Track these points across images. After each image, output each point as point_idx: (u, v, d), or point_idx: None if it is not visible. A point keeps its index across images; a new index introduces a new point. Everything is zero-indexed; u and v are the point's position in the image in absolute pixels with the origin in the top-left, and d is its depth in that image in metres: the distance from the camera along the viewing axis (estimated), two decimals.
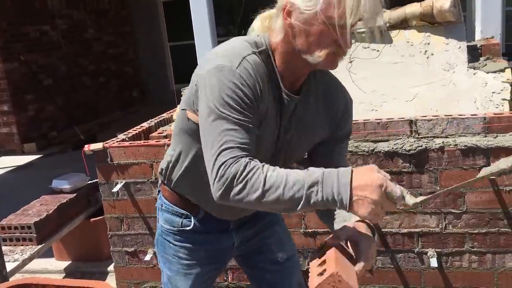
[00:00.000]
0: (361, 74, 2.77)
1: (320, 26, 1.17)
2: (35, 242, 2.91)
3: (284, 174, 1.14)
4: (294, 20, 1.20)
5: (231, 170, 1.15)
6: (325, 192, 1.11)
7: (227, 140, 1.18)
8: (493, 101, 2.50)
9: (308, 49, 1.22)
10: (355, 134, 2.38)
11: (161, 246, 1.63)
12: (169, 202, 1.56)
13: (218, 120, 1.19)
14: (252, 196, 1.14)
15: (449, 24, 2.73)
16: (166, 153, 1.57)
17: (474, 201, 2.30)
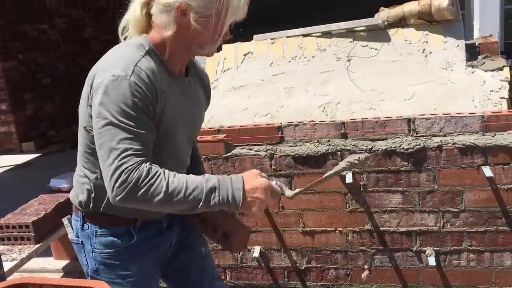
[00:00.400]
0: (359, 72, 2.77)
1: (212, 25, 1.37)
2: (33, 241, 2.90)
3: (184, 180, 1.31)
4: (189, 19, 1.36)
5: (133, 176, 1.26)
6: (222, 196, 1.32)
7: (127, 148, 1.28)
8: (491, 99, 2.49)
9: (199, 43, 1.41)
10: (353, 132, 2.38)
11: (106, 274, 1.58)
12: (105, 226, 1.53)
13: (116, 129, 1.29)
14: (155, 199, 1.28)
15: (447, 23, 2.73)
16: (77, 181, 1.55)
17: (472, 200, 2.30)
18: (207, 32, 1.39)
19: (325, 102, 2.71)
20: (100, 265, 1.57)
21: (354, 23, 2.86)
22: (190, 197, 1.29)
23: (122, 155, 1.28)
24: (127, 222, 1.53)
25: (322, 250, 2.53)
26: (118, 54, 1.40)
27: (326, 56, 2.89)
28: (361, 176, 2.39)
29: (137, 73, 1.33)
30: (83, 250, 1.60)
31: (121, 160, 1.27)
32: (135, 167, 1.27)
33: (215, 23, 1.38)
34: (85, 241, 1.58)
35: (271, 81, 2.91)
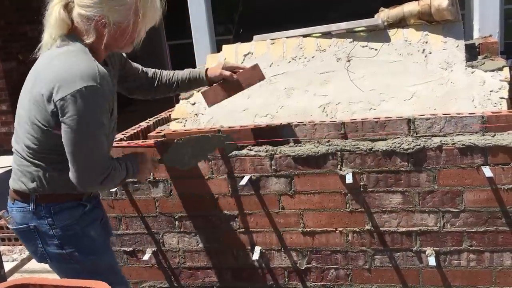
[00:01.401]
0: (359, 73, 2.77)
1: (128, 32, 1.67)
2: None
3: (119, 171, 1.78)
4: (108, 27, 1.63)
5: (108, 173, 1.70)
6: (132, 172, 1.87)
7: (100, 150, 1.66)
8: (491, 99, 2.50)
9: (118, 45, 1.72)
10: (353, 133, 2.39)
11: (68, 244, 1.79)
12: (61, 202, 1.79)
13: (95, 129, 1.61)
14: (110, 186, 1.82)
15: (447, 23, 2.73)
16: (25, 171, 1.78)
17: (472, 200, 2.30)
18: (124, 37, 1.68)
19: (325, 103, 2.72)
20: (62, 239, 1.77)
21: (354, 24, 2.86)
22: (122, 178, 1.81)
23: (96, 158, 1.65)
24: (77, 196, 1.81)
25: (322, 250, 2.54)
26: (75, 63, 1.60)
27: (326, 57, 2.89)
28: (361, 176, 2.39)
29: (103, 78, 1.59)
30: (36, 235, 1.78)
31: (99, 161, 1.67)
32: (108, 166, 1.70)
33: (131, 31, 1.67)
34: (39, 224, 1.77)
35: (271, 81, 2.91)
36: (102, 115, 1.62)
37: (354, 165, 2.38)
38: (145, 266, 2.79)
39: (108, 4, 1.60)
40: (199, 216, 2.64)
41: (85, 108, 1.54)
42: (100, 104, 1.59)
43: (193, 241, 2.69)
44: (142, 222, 2.72)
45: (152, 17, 1.71)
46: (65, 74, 1.57)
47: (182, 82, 2.27)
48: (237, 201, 2.56)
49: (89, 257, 1.81)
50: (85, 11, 1.61)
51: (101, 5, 1.60)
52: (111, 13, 1.60)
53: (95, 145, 1.62)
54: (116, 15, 1.62)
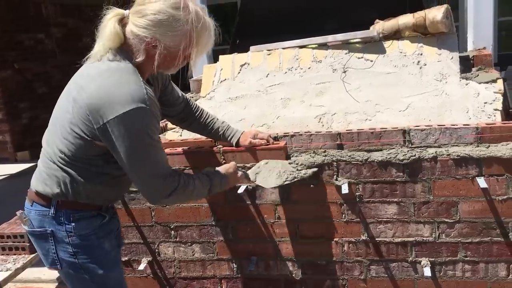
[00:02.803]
0: (355, 84, 2.79)
1: (179, 57, 1.67)
2: (28, 251, 2.90)
3: (200, 183, 1.84)
4: (159, 50, 1.63)
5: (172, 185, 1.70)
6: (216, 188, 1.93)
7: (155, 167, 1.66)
8: (485, 111, 2.52)
9: (165, 68, 1.74)
10: (349, 143, 2.40)
11: (82, 254, 1.77)
12: (81, 210, 1.78)
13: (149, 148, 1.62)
14: (183, 198, 1.86)
15: (442, 35, 2.76)
16: (52, 176, 1.76)
17: (467, 211, 2.32)
18: (174, 61, 1.69)
19: (321, 113, 2.73)
20: (77, 248, 1.76)
21: (350, 35, 2.89)
22: (201, 195, 1.88)
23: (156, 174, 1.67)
24: (97, 207, 1.81)
25: (318, 260, 2.54)
26: (124, 84, 1.59)
27: (322, 68, 2.91)
28: (357, 186, 2.40)
29: (151, 99, 1.60)
30: (51, 240, 1.76)
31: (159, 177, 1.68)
32: (172, 180, 1.71)
33: (181, 56, 1.66)
34: (56, 229, 1.75)
35: (268, 92, 2.93)
36: (154, 134, 1.62)
37: (350, 176, 2.40)
38: (141, 276, 2.78)
39: (162, 28, 1.60)
40: (195, 225, 2.64)
41: (134, 129, 1.56)
42: (150, 123, 1.60)
43: (188, 251, 2.68)
44: (137, 232, 2.71)
45: (205, 46, 1.70)
46: (115, 94, 1.57)
47: (215, 133, 2.31)
48: (233, 210, 2.56)
49: (99, 270, 1.80)
50: (137, 30, 1.61)
51: (155, 28, 1.59)
52: (163, 37, 1.60)
53: (148, 163, 1.63)
54: (168, 40, 1.61)
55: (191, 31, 1.62)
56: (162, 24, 1.58)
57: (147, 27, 1.59)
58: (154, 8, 1.58)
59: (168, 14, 1.59)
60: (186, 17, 1.60)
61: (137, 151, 1.60)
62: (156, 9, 1.58)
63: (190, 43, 1.64)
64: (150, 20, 1.58)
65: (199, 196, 1.88)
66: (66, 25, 8.73)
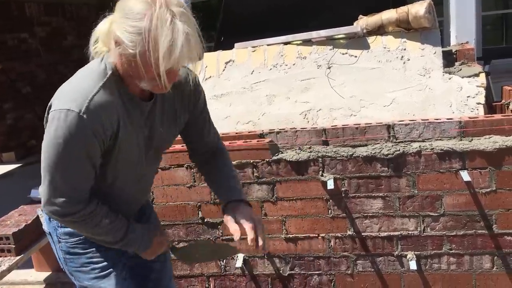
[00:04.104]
0: (340, 79, 2.80)
1: (140, 64, 1.29)
2: (14, 253, 2.86)
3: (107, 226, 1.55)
4: (119, 51, 1.33)
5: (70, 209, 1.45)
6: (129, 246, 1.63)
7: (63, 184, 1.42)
8: (468, 105, 2.55)
9: (136, 76, 1.36)
10: (334, 139, 2.41)
11: (70, 262, 1.69)
12: None
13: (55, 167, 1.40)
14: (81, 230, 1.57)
15: (425, 30, 2.78)
16: None
17: (451, 204, 2.34)
18: (138, 70, 1.32)
19: (306, 109, 2.74)
20: (66, 255, 1.69)
21: (334, 31, 2.90)
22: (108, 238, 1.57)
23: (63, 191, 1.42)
24: None
25: (305, 256, 2.55)
26: (77, 82, 1.41)
27: (306, 64, 2.92)
28: (342, 182, 2.42)
29: (91, 109, 1.34)
30: (52, 240, 1.72)
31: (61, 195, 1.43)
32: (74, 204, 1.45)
33: (143, 63, 1.29)
34: (52, 232, 1.70)
35: (253, 89, 2.93)
36: (76, 148, 1.38)
37: (335, 171, 2.41)
38: None
39: (123, 24, 1.30)
40: (182, 224, 2.63)
41: (57, 131, 1.37)
42: (75, 134, 1.35)
43: None
44: None
45: (167, 56, 1.26)
46: (64, 90, 1.42)
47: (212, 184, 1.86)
48: (220, 208, 2.55)
49: (85, 281, 1.72)
50: (112, 26, 1.36)
51: (119, 23, 1.31)
52: (123, 34, 1.30)
53: (60, 176, 1.42)
54: (126, 37, 1.29)
55: (148, 31, 1.25)
56: (126, 17, 1.30)
57: (116, 21, 1.34)
58: (129, 0, 1.32)
59: (134, 8, 1.29)
60: (144, 11, 1.26)
61: (49, 155, 1.41)
62: (130, 2, 1.31)
63: (148, 48, 1.26)
64: (120, 12, 1.33)
65: (103, 237, 1.58)
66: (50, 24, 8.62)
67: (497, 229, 2.33)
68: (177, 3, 1.29)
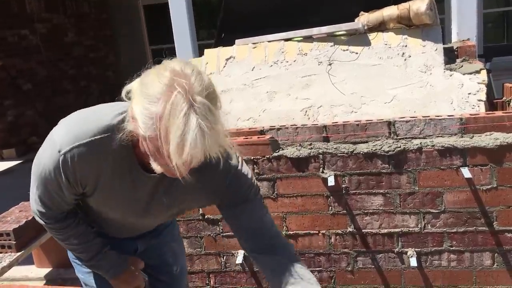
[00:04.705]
0: (340, 76, 2.80)
1: (151, 148, 1.15)
2: (15, 249, 2.87)
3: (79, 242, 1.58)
4: (133, 125, 1.18)
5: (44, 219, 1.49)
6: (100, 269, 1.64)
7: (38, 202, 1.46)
8: (469, 102, 2.54)
9: (149, 156, 1.19)
10: (334, 136, 2.40)
11: (77, 266, 1.74)
12: None
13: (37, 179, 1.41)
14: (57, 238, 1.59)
15: (426, 27, 2.77)
16: None
17: (452, 201, 2.34)
18: (146, 147, 1.17)
19: (307, 106, 2.73)
20: (72, 257, 1.72)
21: (335, 28, 2.89)
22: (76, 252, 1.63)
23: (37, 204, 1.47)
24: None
25: (306, 253, 2.55)
26: (82, 121, 1.36)
27: (307, 60, 2.91)
28: (343, 178, 2.41)
29: (74, 157, 1.30)
30: None
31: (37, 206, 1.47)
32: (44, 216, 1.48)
33: (154, 149, 1.15)
34: None
35: (253, 85, 2.92)
36: (48, 175, 1.35)
37: (336, 168, 2.40)
38: None
39: (139, 98, 1.16)
40: (182, 220, 2.63)
41: (43, 152, 1.38)
42: (49, 165, 1.33)
43: None
44: None
45: (179, 150, 1.09)
46: (73, 116, 1.41)
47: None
48: None
49: (80, 274, 1.76)
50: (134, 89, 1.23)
51: (138, 96, 1.17)
52: (138, 111, 1.15)
53: (35, 187, 1.44)
54: (139, 117, 1.14)
55: (159, 119, 1.10)
56: (144, 93, 1.15)
57: (135, 90, 1.21)
58: (152, 72, 1.20)
59: (153, 85, 1.14)
60: (160, 95, 1.10)
61: (33, 169, 1.43)
62: (152, 73, 1.19)
63: (159, 136, 1.11)
64: (141, 84, 1.19)
65: (69, 249, 1.65)
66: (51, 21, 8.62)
67: (497, 226, 2.33)
68: (200, 91, 1.11)
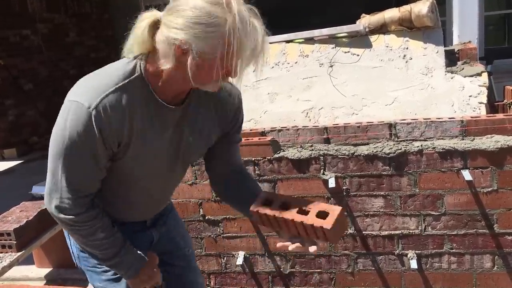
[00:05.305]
0: (342, 78, 2.80)
1: (214, 65, 1.26)
2: (15, 249, 2.86)
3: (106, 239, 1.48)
4: (190, 56, 1.27)
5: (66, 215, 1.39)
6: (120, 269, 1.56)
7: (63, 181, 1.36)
8: (470, 104, 2.54)
9: (201, 81, 1.31)
10: (335, 137, 2.41)
11: (84, 260, 1.64)
12: None
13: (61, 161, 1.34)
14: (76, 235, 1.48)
15: (427, 29, 2.77)
16: None
17: (452, 203, 2.34)
18: (211, 73, 1.29)
19: (308, 108, 2.74)
20: (80, 252, 1.64)
21: (336, 30, 2.89)
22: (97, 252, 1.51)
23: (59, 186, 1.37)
24: None
25: (306, 254, 2.55)
26: (96, 78, 1.37)
27: (308, 62, 2.92)
28: (343, 180, 2.42)
29: (102, 107, 1.30)
30: (67, 235, 1.67)
31: (60, 197, 1.38)
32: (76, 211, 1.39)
33: (221, 67, 1.27)
34: (66, 233, 1.65)
35: (255, 86, 2.93)
36: (79, 143, 1.33)
37: (336, 170, 2.41)
38: None
39: (195, 29, 1.26)
40: (183, 221, 2.62)
41: (63, 122, 1.33)
42: (80, 129, 1.31)
43: None
44: None
45: (250, 56, 1.29)
46: (80, 81, 1.39)
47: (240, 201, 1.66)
48: (221, 206, 2.56)
49: (97, 282, 1.68)
50: (167, 31, 1.30)
51: (186, 28, 1.27)
52: (196, 40, 1.26)
53: (60, 170, 1.36)
54: (202, 44, 1.26)
55: (231, 35, 1.25)
56: (196, 22, 1.26)
57: (177, 26, 1.28)
58: (189, 3, 1.28)
59: (204, 11, 1.26)
60: (225, 16, 1.25)
61: (53, 148, 1.36)
62: (190, 4, 1.28)
63: (230, 51, 1.26)
64: (182, 16, 1.28)
65: (92, 251, 1.52)
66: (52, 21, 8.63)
67: (498, 229, 2.33)
68: (243, 2, 1.30)
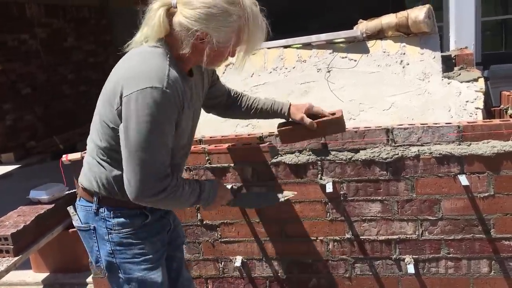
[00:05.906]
0: (339, 83, 2.82)
1: (226, 52, 1.60)
2: (12, 253, 2.86)
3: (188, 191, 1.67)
4: (209, 45, 1.53)
5: (160, 188, 1.54)
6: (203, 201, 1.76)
7: (156, 160, 1.51)
8: (467, 109, 2.56)
9: (212, 63, 1.62)
10: (333, 143, 2.41)
11: (121, 253, 1.72)
12: (121, 207, 1.70)
13: (149, 142, 1.48)
14: (171, 205, 1.78)
15: (424, 35, 2.79)
16: (91, 169, 1.71)
17: (449, 208, 2.35)
18: (221, 57, 1.61)
19: None
20: (117, 246, 1.71)
21: (334, 35, 2.91)
22: (187, 203, 1.71)
23: (154, 168, 1.51)
24: (138, 205, 1.65)
25: (303, 259, 2.55)
26: (147, 63, 1.51)
27: (306, 67, 2.93)
28: (341, 185, 2.42)
29: (170, 84, 1.48)
30: (94, 236, 1.72)
31: (155, 174, 1.52)
32: (167, 182, 1.55)
33: (231, 52, 1.62)
34: (98, 226, 1.71)
35: (252, 91, 2.94)
36: (164, 122, 1.49)
37: (334, 174, 2.41)
38: None
39: (214, 23, 1.50)
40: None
41: (145, 109, 1.44)
42: (162, 109, 1.47)
43: None
44: None
45: (256, 43, 1.63)
46: (134, 73, 1.50)
47: (262, 111, 2.10)
48: (219, 210, 2.56)
49: (136, 272, 1.72)
50: (187, 23, 1.50)
51: (207, 22, 1.50)
52: (215, 32, 1.51)
53: (151, 154, 1.48)
54: (218, 35, 1.52)
55: (244, 27, 1.56)
56: (215, 18, 1.50)
57: (198, 20, 1.49)
58: (207, 1, 1.50)
59: (222, 9, 1.50)
60: (239, 13, 1.53)
61: (139, 134, 1.46)
62: (209, 2, 1.50)
63: (240, 40, 1.59)
64: (202, 13, 1.49)
65: (184, 204, 1.75)
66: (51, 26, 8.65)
67: (495, 234, 2.34)
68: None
